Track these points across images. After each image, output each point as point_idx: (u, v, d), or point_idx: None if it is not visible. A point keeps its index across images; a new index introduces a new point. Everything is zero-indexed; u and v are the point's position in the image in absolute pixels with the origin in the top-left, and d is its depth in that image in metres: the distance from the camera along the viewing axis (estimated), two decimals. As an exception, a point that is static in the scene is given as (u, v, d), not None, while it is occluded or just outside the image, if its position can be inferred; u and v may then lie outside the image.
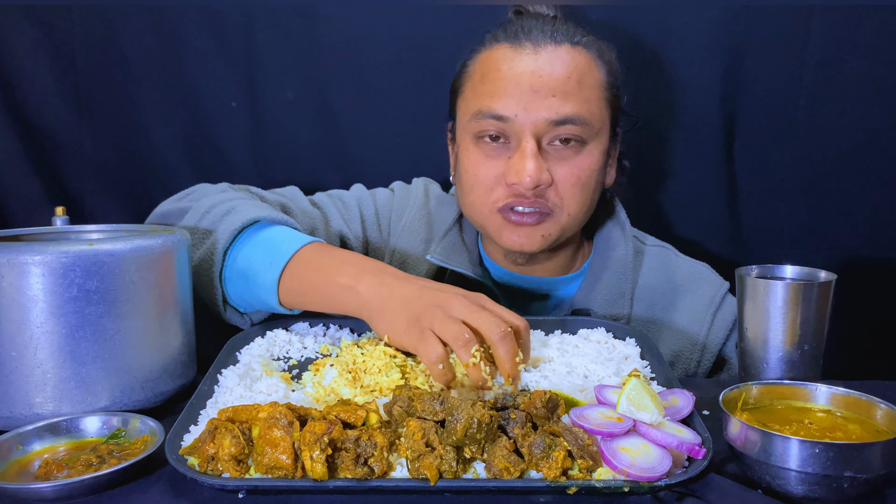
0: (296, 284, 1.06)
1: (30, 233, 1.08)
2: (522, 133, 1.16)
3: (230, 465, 0.74)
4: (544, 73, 1.15)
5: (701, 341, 1.29)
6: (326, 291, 1.03)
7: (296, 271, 1.06)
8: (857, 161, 1.49)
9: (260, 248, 1.10)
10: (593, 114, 1.18)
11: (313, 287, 1.05)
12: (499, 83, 1.17)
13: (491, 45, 1.21)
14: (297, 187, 1.39)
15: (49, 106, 1.53)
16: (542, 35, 1.18)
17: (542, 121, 1.15)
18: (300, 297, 1.07)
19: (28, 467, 0.79)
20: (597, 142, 1.21)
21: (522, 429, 0.77)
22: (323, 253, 1.08)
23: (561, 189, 1.19)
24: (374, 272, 1.02)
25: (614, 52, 1.25)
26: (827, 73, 1.44)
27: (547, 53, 1.17)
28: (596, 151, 1.21)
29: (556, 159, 1.18)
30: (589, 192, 1.22)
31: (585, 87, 1.17)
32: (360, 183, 1.46)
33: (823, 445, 0.70)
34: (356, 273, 1.02)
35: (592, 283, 1.31)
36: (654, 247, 1.39)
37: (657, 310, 1.31)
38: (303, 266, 1.06)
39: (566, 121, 1.15)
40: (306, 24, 1.51)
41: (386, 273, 1.02)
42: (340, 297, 1.02)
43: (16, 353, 0.87)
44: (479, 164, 1.21)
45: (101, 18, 1.50)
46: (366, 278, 1.01)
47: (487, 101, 1.17)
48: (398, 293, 0.98)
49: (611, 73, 1.22)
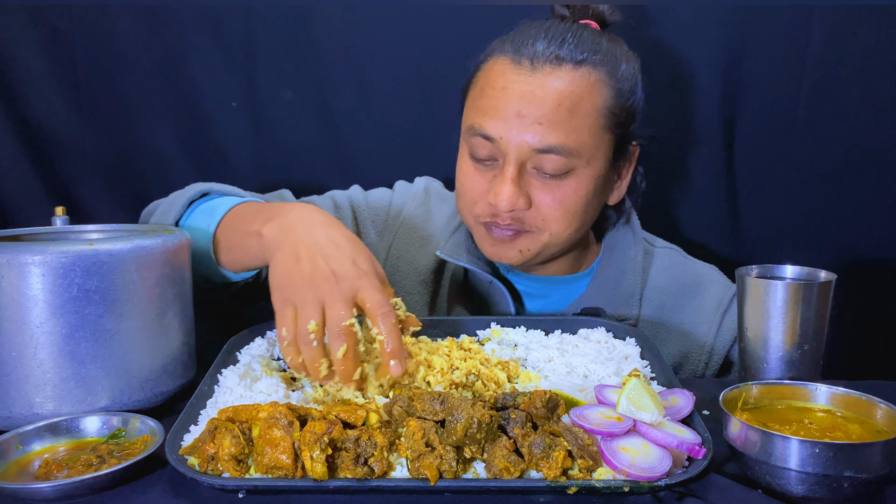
0: (225, 240, 1.08)
1: (30, 233, 1.08)
2: (507, 155, 1.15)
3: (230, 465, 0.74)
4: (535, 98, 1.12)
5: (709, 343, 1.29)
6: (243, 241, 1.04)
7: (226, 227, 1.09)
8: (856, 161, 1.49)
9: (203, 214, 1.13)
10: (582, 143, 1.14)
11: (235, 239, 1.06)
12: (492, 101, 1.16)
13: (496, 55, 1.19)
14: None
15: (49, 106, 1.53)
16: (544, 53, 1.14)
17: (525, 146, 1.13)
18: (229, 254, 1.09)
19: (28, 467, 0.79)
20: (588, 169, 1.17)
21: (522, 429, 0.77)
22: (252, 206, 1.10)
23: (543, 212, 1.17)
24: (281, 215, 0.98)
25: (636, 62, 1.21)
26: (827, 73, 1.44)
27: (542, 76, 1.13)
28: (585, 178, 1.17)
29: (539, 185, 1.17)
30: (576, 216, 1.19)
31: (578, 115, 1.13)
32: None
33: (823, 445, 0.70)
34: (266, 218, 1.00)
35: (601, 283, 1.31)
36: (663, 248, 1.38)
37: (666, 311, 1.31)
38: (232, 220, 1.09)
39: (550, 150, 1.13)
40: (306, 24, 1.51)
41: (292, 214, 0.97)
42: (251, 244, 1.02)
43: (16, 353, 0.87)
44: (469, 176, 1.22)
45: (101, 18, 1.50)
46: (272, 223, 0.98)
47: (480, 119, 1.17)
48: (291, 240, 0.93)
49: (620, 94, 1.17)
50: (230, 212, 1.11)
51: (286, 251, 0.93)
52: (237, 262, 1.10)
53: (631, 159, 1.27)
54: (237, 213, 1.11)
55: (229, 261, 1.10)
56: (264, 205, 1.12)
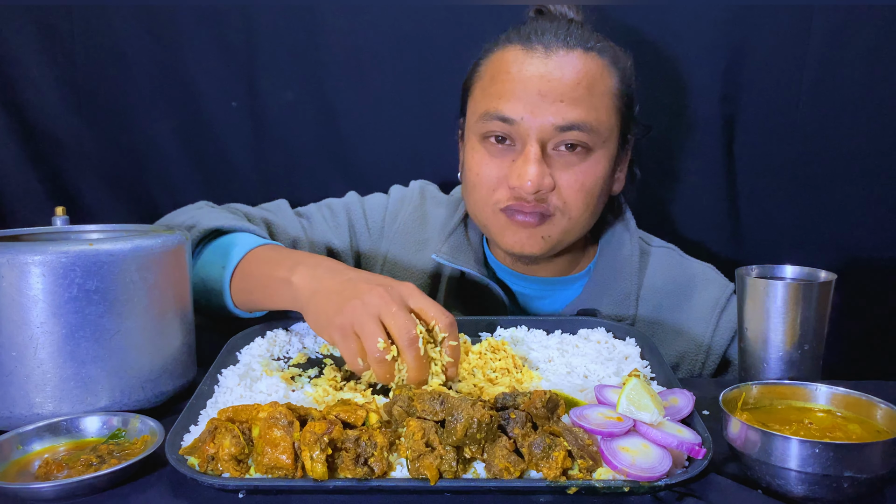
0: (243, 283, 1.10)
1: (30, 233, 1.08)
2: (528, 137, 1.16)
3: (230, 465, 0.74)
4: (553, 78, 1.15)
5: (706, 343, 1.29)
6: (268, 286, 1.06)
7: (244, 270, 1.10)
8: (856, 161, 1.48)
9: (216, 254, 1.15)
10: (601, 121, 1.17)
11: (257, 284, 1.08)
12: (507, 85, 1.17)
13: (503, 46, 1.21)
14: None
15: (49, 106, 1.53)
16: (555, 39, 1.17)
17: (548, 125, 1.15)
18: (248, 296, 1.10)
19: (28, 467, 0.79)
20: (604, 150, 1.19)
21: (522, 429, 0.77)
22: (271, 252, 1.12)
23: (564, 194, 1.18)
24: (309, 265, 1.02)
25: (630, 59, 1.24)
26: (827, 73, 1.44)
27: (558, 58, 1.16)
28: (602, 159, 1.20)
29: (561, 165, 1.18)
30: (593, 199, 1.21)
31: (595, 94, 1.16)
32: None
33: (823, 445, 0.70)
34: (292, 266, 1.03)
35: (597, 284, 1.31)
36: (659, 248, 1.38)
37: (663, 311, 1.31)
38: (250, 265, 1.10)
39: (572, 127, 1.15)
40: (306, 24, 1.51)
41: (321, 266, 1.02)
42: (278, 290, 1.04)
43: (16, 353, 0.87)
44: (484, 164, 1.21)
45: (101, 18, 1.50)
46: (300, 270, 1.01)
47: (495, 103, 1.17)
48: (326, 285, 0.97)
49: (624, 81, 1.21)
50: (248, 256, 1.11)
51: (324, 292, 0.96)
52: (256, 303, 1.11)
53: (628, 150, 1.29)
54: (257, 258, 1.11)
55: (246, 301, 1.12)
56: (287, 252, 1.13)
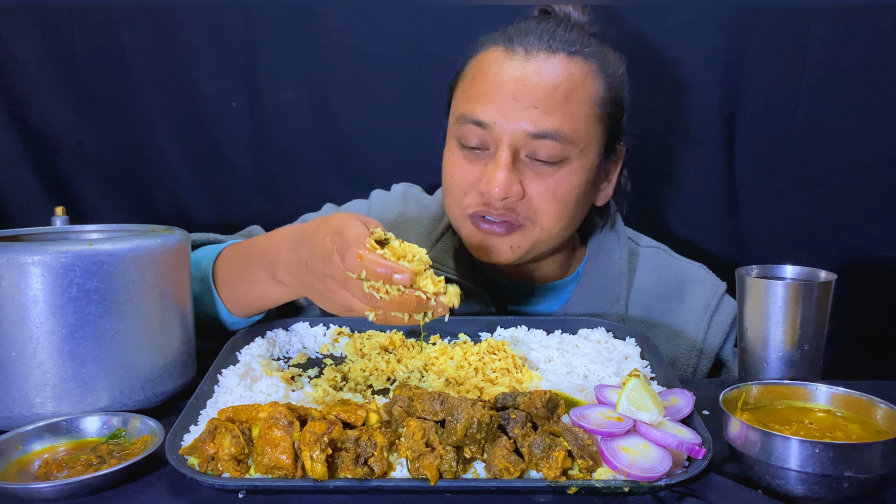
0: (233, 293, 1.11)
1: (30, 233, 1.08)
2: (500, 142, 1.13)
3: (230, 465, 0.74)
4: (529, 82, 1.12)
5: (698, 344, 1.28)
6: (261, 294, 1.07)
7: (224, 282, 1.11)
8: (856, 161, 1.49)
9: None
10: (577, 130, 1.13)
11: (244, 291, 1.09)
12: (484, 87, 1.15)
13: (488, 47, 1.19)
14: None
15: (49, 106, 1.54)
16: (538, 41, 1.14)
17: (520, 132, 1.12)
18: (246, 308, 1.11)
19: (28, 467, 0.79)
20: (581, 160, 1.15)
21: (522, 429, 0.77)
22: (232, 262, 1.11)
23: (534, 203, 1.15)
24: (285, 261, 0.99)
25: (624, 66, 1.21)
26: (827, 73, 1.44)
27: (537, 61, 1.13)
28: (579, 169, 1.16)
29: (532, 174, 1.15)
30: (567, 210, 1.17)
31: (573, 102, 1.13)
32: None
33: (823, 445, 0.70)
34: (268, 265, 1.02)
35: (587, 288, 1.30)
36: (648, 248, 1.37)
37: (653, 313, 1.30)
38: (226, 274, 1.10)
39: (545, 135, 1.11)
40: (306, 24, 1.51)
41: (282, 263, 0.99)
42: (270, 293, 1.06)
43: (16, 353, 0.86)
44: (458, 166, 1.19)
45: (101, 18, 1.50)
46: (281, 268, 0.99)
47: (471, 106, 1.15)
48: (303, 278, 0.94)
49: (612, 88, 1.18)
50: (216, 267, 1.11)
51: (310, 288, 0.94)
52: (254, 309, 1.12)
53: (618, 160, 1.27)
54: (226, 267, 1.11)
55: (244, 312, 1.13)
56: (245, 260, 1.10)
